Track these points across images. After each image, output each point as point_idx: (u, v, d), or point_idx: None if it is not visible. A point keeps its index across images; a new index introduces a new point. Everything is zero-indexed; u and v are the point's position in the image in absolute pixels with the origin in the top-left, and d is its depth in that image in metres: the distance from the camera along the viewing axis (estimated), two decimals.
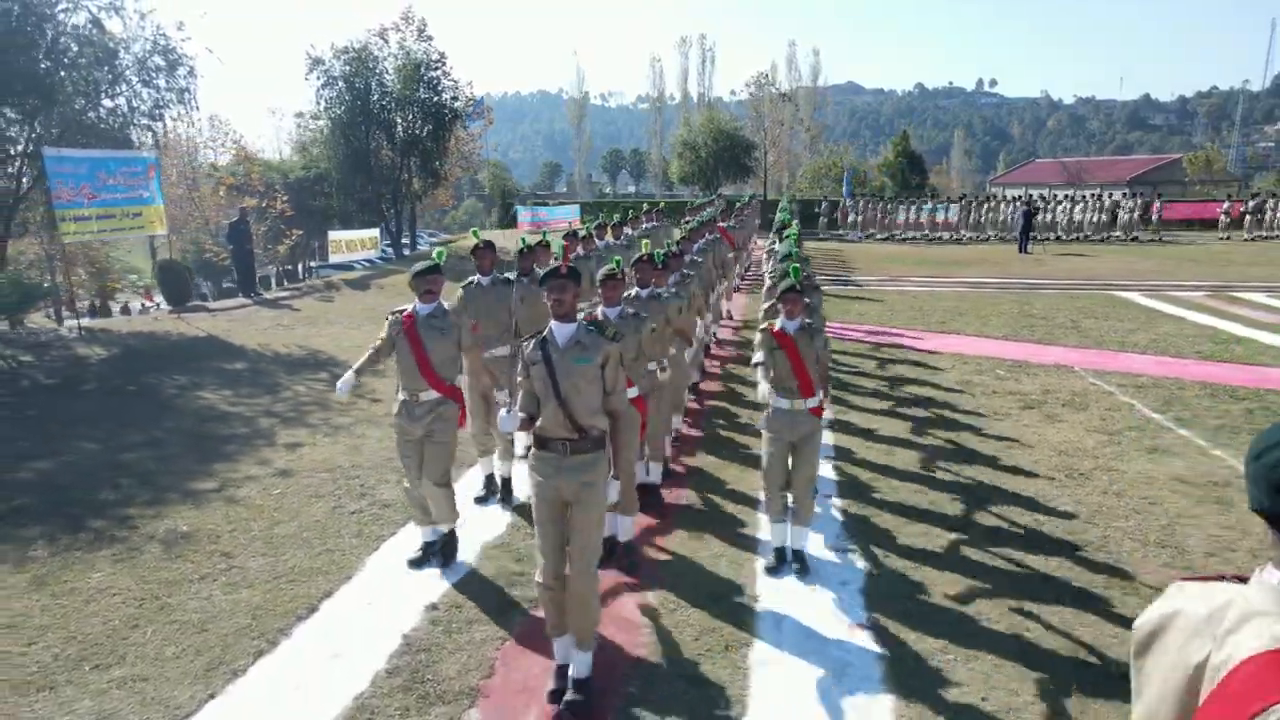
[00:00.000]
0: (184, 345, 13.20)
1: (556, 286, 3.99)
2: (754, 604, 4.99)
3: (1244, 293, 18.03)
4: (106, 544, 5.82)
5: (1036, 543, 5.73)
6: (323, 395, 10.06)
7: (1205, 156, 66.47)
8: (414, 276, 5.32)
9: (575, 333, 4.04)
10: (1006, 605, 4.90)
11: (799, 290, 5.26)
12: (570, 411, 3.95)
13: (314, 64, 26.69)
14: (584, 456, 4.00)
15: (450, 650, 4.49)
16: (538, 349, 4.05)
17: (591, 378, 4.00)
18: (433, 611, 4.91)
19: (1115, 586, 5.10)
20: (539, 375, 4.01)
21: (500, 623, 4.79)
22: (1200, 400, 9.18)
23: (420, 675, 4.25)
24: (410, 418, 5.28)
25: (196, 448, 8.01)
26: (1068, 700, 4.00)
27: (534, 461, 4.07)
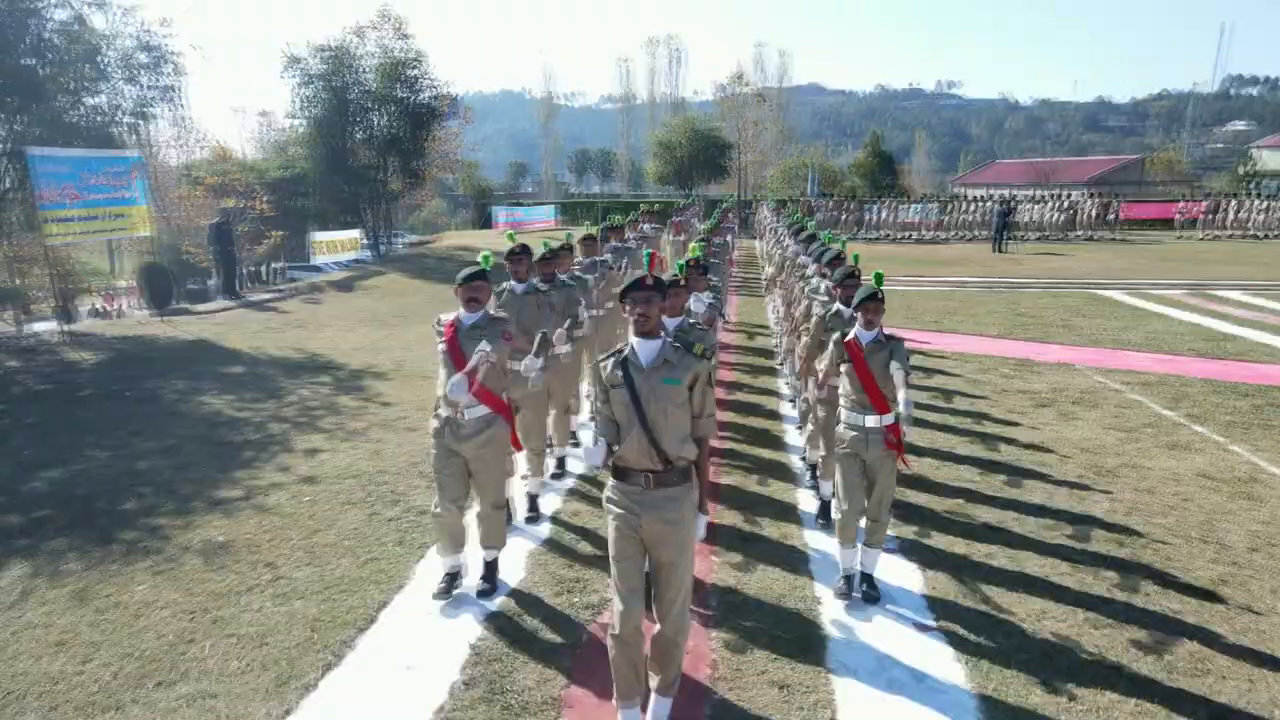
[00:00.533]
0: (175, 349, 12.92)
1: (641, 299, 3.62)
2: (827, 636, 4.64)
3: (1221, 291, 18.43)
4: (141, 556, 5.65)
5: (1087, 544, 5.77)
6: (329, 399, 9.89)
7: (1167, 158, 67.94)
8: (458, 284, 4.91)
9: (661, 350, 3.64)
10: (1079, 615, 4.92)
11: (880, 298, 4.84)
12: (656, 439, 3.56)
13: (291, 62, 26.28)
14: (670, 490, 3.61)
15: (523, 660, 4.41)
16: (618, 369, 3.65)
17: (680, 400, 3.62)
18: (496, 620, 4.82)
19: (1173, 585, 5.15)
20: (620, 399, 3.62)
21: (566, 631, 4.72)
22: (1207, 396, 9.35)
23: (499, 686, 4.16)
24: (456, 437, 4.86)
25: (213, 455, 7.82)
26: (1150, 700, 4.03)
27: (612, 494, 3.70)
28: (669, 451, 3.58)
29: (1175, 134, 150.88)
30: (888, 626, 4.76)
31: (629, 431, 3.60)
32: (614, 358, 3.72)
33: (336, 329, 14.88)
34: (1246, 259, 24.92)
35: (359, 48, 27.59)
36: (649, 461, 3.59)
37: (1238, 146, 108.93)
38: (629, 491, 3.65)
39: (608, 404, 3.71)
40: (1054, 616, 4.79)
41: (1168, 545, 5.68)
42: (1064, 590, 5.09)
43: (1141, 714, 3.91)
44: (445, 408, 4.86)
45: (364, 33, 27.62)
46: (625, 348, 3.71)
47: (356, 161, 27.37)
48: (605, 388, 3.71)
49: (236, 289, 18.32)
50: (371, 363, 11.88)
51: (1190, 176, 69.47)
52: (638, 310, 3.63)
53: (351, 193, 27.47)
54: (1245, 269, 22.21)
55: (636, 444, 3.58)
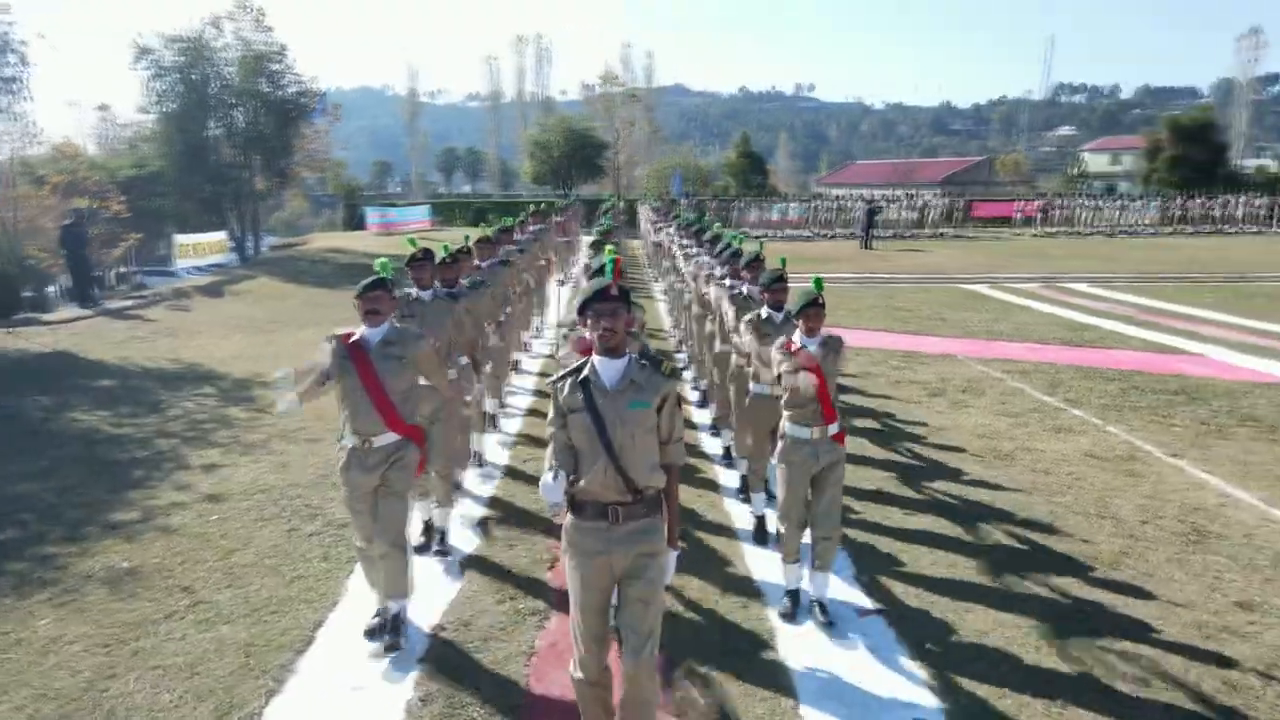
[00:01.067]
0: (30, 363, 11.91)
1: (606, 311, 3.20)
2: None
3: (1070, 283, 19.91)
4: (37, 588, 5.18)
5: (997, 524, 6.13)
6: (217, 411, 9.34)
7: (1014, 159, 72.77)
8: (356, 295, 4.38)
9: (627, 369, 3.27)
10: (1004, 588, 5.23)
11: (822, 304, 4.62)
12: (624, 468, 3.19)
13: (141, 53, 24.72)
14: (639, 523, 3.26)
15: (477, 671, 4.31)
16: (577, 391, 3.27)
17: (649, 425, 3.26)
18: (441, 633, 4.69)
19: (1083, 557, 5.54)
20: (581, 425, 3.24)
21: (517, 635, 4.64)
22: (1079, 382, 10.09)
23: (458, 700, 4.06)
24: (362, 468, 4.36)
25: (97, 475, 7.25)
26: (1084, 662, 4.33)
27: (573, 533, 3.32)
28: (638, 481, 3.23)
29: (1014, 137, 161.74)
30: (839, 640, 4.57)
31: (593, 461, 3.22)
32: (571, 378, 3.33)
33: (210, 336, 14.06)
34: (1083, 254, 27.03)
35: (217, 39, 26.24)
36: (616, 493, 3.23)
37: (1068, 150, 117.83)
38: (593, 529, 3.27)
39: (565, 430, 3.31)
40: (981, 593, 5.07)
41: (1071, 521, 6.10)
42: (986, 566, 5.39)
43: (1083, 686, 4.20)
44: (350, 437, 4.37)
45: (221, 24, 26.30)
46: (584, 366, 3.33)
47: (218, 159, 25.97)
48: (562, 412, 3.32)
49: (93, 296, 17.01)
50: (255, 371, 11.28)
51: (1030, 177, 74.76)
52: (602, 324, 3.20)
53: (213, 192, 26.04)
54: (1085, 263, 24.08)
55: (602, 475, 3.21)
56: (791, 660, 4.42)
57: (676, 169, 44.42)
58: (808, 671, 4.33)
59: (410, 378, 4.53)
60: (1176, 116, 49.30)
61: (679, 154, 57.86)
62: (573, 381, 3.31)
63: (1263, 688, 4.12)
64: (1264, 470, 7.09)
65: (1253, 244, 29.72)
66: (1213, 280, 20.02)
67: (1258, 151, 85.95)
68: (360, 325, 4.42)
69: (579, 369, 3.33)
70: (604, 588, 3.32)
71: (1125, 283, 19.94)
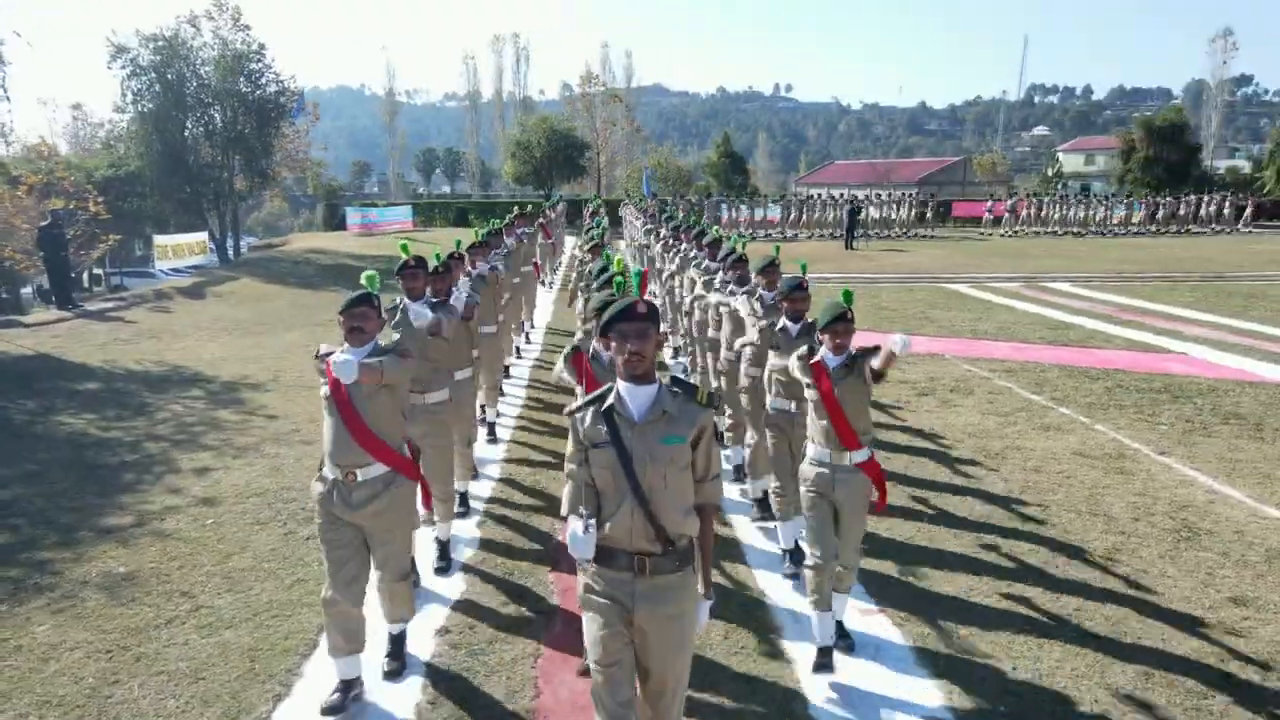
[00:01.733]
0: (11, 365, 11.73)
1: (634, 332, 2.83)
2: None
3: (1050, 283, 20.12)
4: (33, 594, 5.12)
5: (990, 522, 6.19)
6: (207, 414, 9.25)
7: (991, 160, 73.46)
8: (340, 311, 4.02)
9: (658, 398, 2.87)
10: (1003, 588, 5.29)
11: (850, 318, 4.24)
12: (654, 513, 2.81)
13: (118, 52, 24.43)
14: (669, 578, 2.87)
15: (485, 674, 4.31)
16: (600, 423, 2.89)
17: (683, 462, 2.86)
18: (447, 635, 4.69)
19: (1077, 556, 5.62)
20: (604, 462, 2.86)
21: (525, 635, 4.65)
22: (1064, 381, 10.21)
23: (467, 703, 4.05)
24: (346, 503, 3.93)
25: (87, 479, 7.17)
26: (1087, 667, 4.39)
27: (593, 583, 2.94)
28: (669, 529, 2.84)
29: (989, 138, 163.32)
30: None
31: (617, 504, 2.85)
32: (593, 407, 2.95)
33: (196, 339, 13.91)
34: (1061, 253, 27.32)
35: (195, 38, 25.99)
36: (644, 542, 2.84)
37: (1043, 150, 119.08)
38: (617, 580, 2.89)
39: (585, 467, 2.94)
40: (981, 592, 5.13)
41: (1063, 519, 6.18)
42: (983, 565, 5.46)
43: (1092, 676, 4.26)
44: (331, 468, 3.99)
45: (199, 22, 26.04)
46: (608, 394, 2.94)
47: (197, 160, 25.71)
48: (583, 446, 2.94)
49: (71, 298, 16.79)
50: (244, 374, 11.19)
51: (1007, 177, 75.55)
52: (629, 348, 2.82)
53: (193, 193, 25.78)
54: (1065, 262, 24.34)
55: (628, 519, 2.83)
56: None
57: (644, 168, 44.48)
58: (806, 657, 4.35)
59: (395, 404, 4.09)
60: (1149, 117, 49.92)
61: (658, 154, 57.89)
62: (595, 411, 2.92)
63: (1262, 681, 4.19)
64: (1250, 467, 7.20)
65: (1216, 243, 30.15)
66: (1190, 280, 20.29)
67: (1230, 152, 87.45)
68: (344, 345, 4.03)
69: (601, 396, 2.94)
70: (627, 642, 2.92)
71: (1103, 282, 20.18)
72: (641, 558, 2.85)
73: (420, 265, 5.61)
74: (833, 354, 4.29)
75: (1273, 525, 6.02)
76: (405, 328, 5.36)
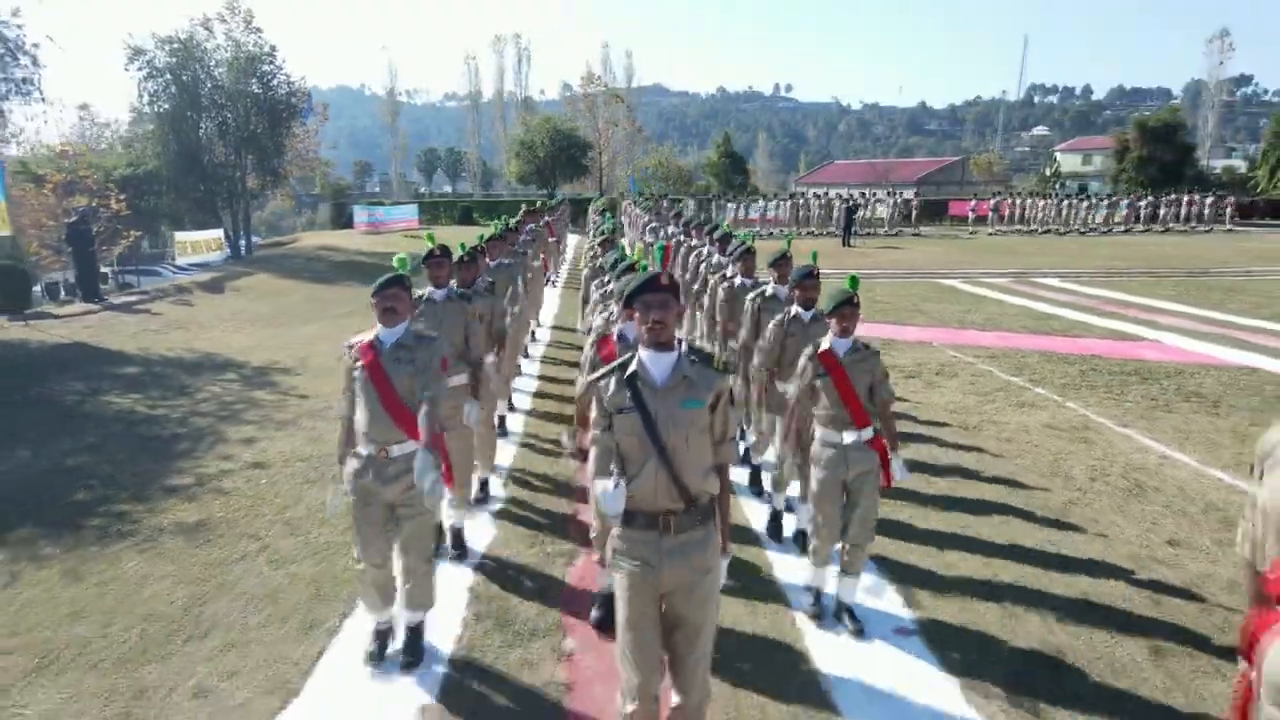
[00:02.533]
0: (52, 353, 12.46)
1: (657, 302, 3.00)
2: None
3: (1040, 278, 20.83)
4: (117, 539, 5.84)
5: (964, 483, 6.90)
6: (244, 394, 9.97)
7: (988, 160, 74.18)
8: (373, 293, 4.22)
9: (678, 365, 3.05)
10: (970, 534, 6.00)
11: (856, 303, 4.46)
12: (677, 473, 2.99)
13: (135, 54, 25.12)
14: (694, 533, 3.06)
15: (520, 599, 5.01)
16: (623, 389, 3.06)
17: (702, 425, 3.04)
18: (486, 563, 5.40)
19: (1040, 506, 6.34)
20: (629, 426, 3.03)
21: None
22: (1042, 365, 10.93)
23: (505, 617, 4.76)
24: (380, 478, 4.11)
25: (143, 450, 7.89)
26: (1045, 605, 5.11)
27: (621, 545, 3.12)
28: (691, 487, 3.02)
29: (988, 137, 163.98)
30: None
31: (641, 466, 3.03)
32: (616, 374, 3.12)
33: (221, 329, 14.64)
34: (1053, 250, 28.04)
35: (208, 40, 26.69)
36: (668, 501, 3.02)
37: (1042, 150, 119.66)
38: (642, 539, 3.07)
39: (609, 433, 3.10)
40: (963, 552, 5.85)
41: (1027, 479, 6.90)
42: (951, 514, 6.17)
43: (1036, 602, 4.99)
44: (366, 445, 4.15)
45: (212, 25, 26.74)
46: (629, 361, 3.12)
47: (211, 159, 26.42)
48: (607, 412, 3.11)
49: (98, 291, 17.53)
50: (273, 360, 11.92)
51: (1004, 177, 76.23)
52: (652, 317, 3.00)
53: (207, 191, 26.50)
54: (1056, 259, 25.08)
55: (652, 480, 3.01)
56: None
57: (630, 174, 45.30)
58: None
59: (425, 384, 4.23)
60: (1144, 118, 50.65)
61: (659, 154, 58.59)
62: (619, 378, 3.09)
63: (1186, 604, 4.91)
64: (1202, 437, 7.92)
65: (1203, 241, 30.86)
66: (1174, 276, 21.00)
67: (1228, 152, 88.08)
68: (376, 326, 4.21)
69: (623, 365, 3.12)
70: (654, 601, 3.10)
71: (1091, 277, 20.88)
72: (666, 516, 3.03)
73: (445, 254, 5.71)
74: (839, 338, 4.51)
75: (1213, 483, 6.74)
76: (430, 318, 5.45)
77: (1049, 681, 4.17)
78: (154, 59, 25.46)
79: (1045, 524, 6.01)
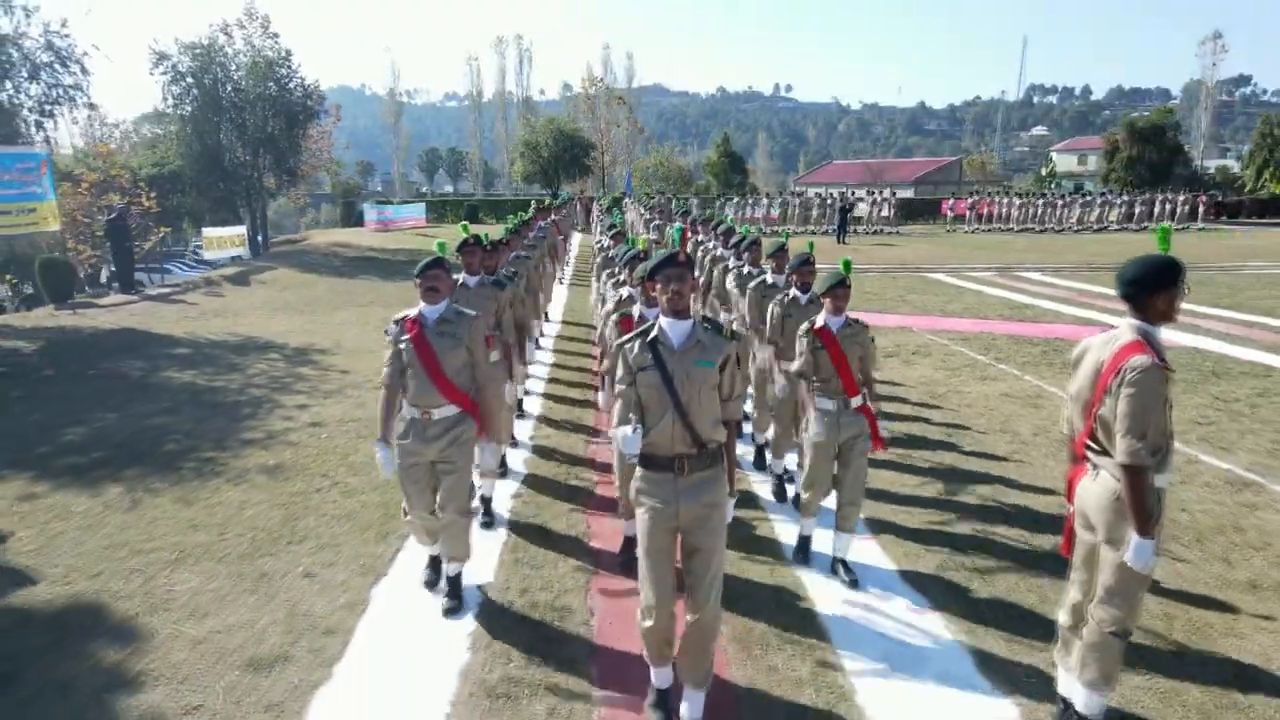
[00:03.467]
0: (106, 337, 13.62)
1: (675, 275, 3.51)
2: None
3: (1023, 272, 21.99)
4: (213, 476, 6.99)
5: (925, 438, 8.05)
6: (290, 370, 11.12)
7: (980, 160, 75.33)
8: (416, 274, 4.68)
9: (692, 331, 3.57)
10: (936, 486, 7.15)
11: (848, 285, 5.09)
12: (691, 423, 3.50)
13: (159, 59, 26.27)
14: (704, 474, 3.57)
15: (546, 549, 6.13)
16: (646, 351, 3.56)
17: (713, 383, 3.56)
18: (514, 522, 6.53)
19: (989, 454, 7.49)
20: (650, 382, 3.53)
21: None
22: (1009, 346, 12.09)
23: (535, 562, 5.85)
24: (422, 439, 4.63)
25: (213, 413, 9.04)
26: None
27: (642, 484, 3.62)
28: (703, 434, 3.52)
29: (987, 137, 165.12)
30: None
31: (660, 416, 3.52)
32: (640, 339, 3.62)
33: (256, 317, 15.79)
34: (1040, 248, 29.20)
35: (229, 45, 27.84)
36: (683, 446, 3.53)
37: (1041, 150, 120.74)
38: (661, 480, 3.57)
39: (633, 388, 3.60)
40: (907, 484, 6.99)
41: (980, 435, 8.05)
42: (912, 465, 7.32)
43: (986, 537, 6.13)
44: (410, 409, 4.67)
45: (231, 30, 27.89)
46: (652, 328, 3.62)
47: (232, 159, 27.58)
48: (631, 370, 3.60)
49: (135, 282, 18.68)
50: (309, 342, 13.07)
51: (1001, 177, 77.34)
52: (671, 288, 3.50)
53: (227, 190, 27.66)
54: (1040, 255, 26.26)
55: (670, 428, 3.51)
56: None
57: (626, 169, 46.51)
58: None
59: (464, 355, 4.71)
60: (1133, 119, 51.87)
61: (659, 154, 59.80)
62: (642, 342, 3.59)
63: None
64: None
65: (1186, 239, 32.00)
66: None
67: (1223, 152, 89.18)
68: (420, 304, 4.68)
69: (645, 331, 3.62)
70: (670, 533, 3.58)
71: (1072, 271, 22.04)
72: (681, 459, 3.53)
73: (478, 243, 6.37)
74: (834, 315, 5.08)
75: (1186, 462, 7.87)
76: (463, 303, 5.55)
77: (979, 584, 5.31)
78: (177, 63, 26.60)
79: (990, 470, 7.14)
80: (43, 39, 15.04)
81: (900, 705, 4.01)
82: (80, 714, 3.88)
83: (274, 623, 4.63)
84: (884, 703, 4.02)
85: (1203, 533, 5.79)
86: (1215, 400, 9.14)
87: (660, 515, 3.54)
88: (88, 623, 4.67)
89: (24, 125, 15.37)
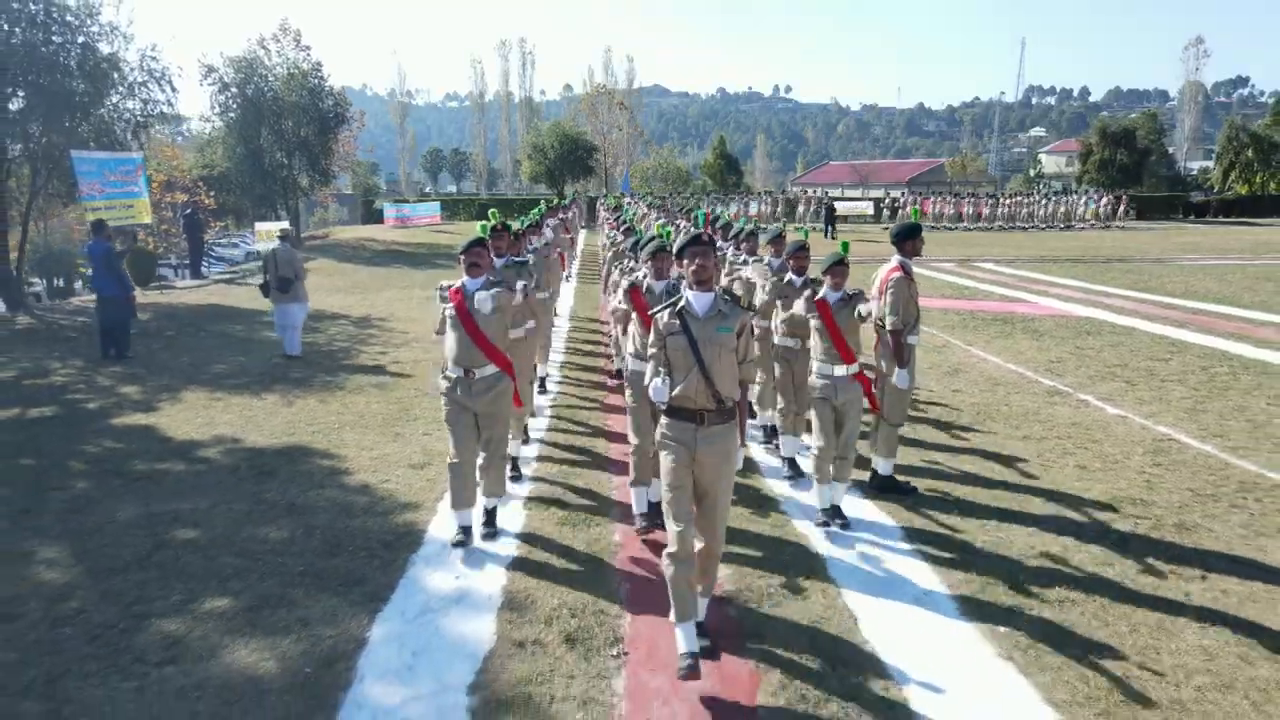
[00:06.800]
0: (198, 310, 16.53)
1: (700, 253, 4.08)
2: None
3: (981, 262, 24.87)
4: (338, 390, 9.86)
5: None
6: (359, 334, 14.00)
7: (962, 161, 78.23)
8: (460, 251, 5.32)
9: (715, 302, 4.09)
10: None
11: (847, 263, 5.75)
12: (712, 381, 3.97)
13: (208, 71, 29.15)
14: (721, 426, 4.04)
15: (573, 494, 9.01)
16: (675, 318, 4.07)
17: (731, 346, 4.05)
18: (539, 483, 9.39)
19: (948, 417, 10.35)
20: (678, 345, 4.02)
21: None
22: (939, 317, 14.96)
23: (562, 503, 8.65)
24: (467, 394, 5.31)
25: (318, 359, 11.87)
26: None
27: (667, 431, 4.08)
28: (722, 392, 3.99)
29: (986, 139, 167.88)
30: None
31: (685, 375, 4.00)
32: (669, 309, 4.12)
33: (314, 296, 18.46)
34: (1005, 242, 32.15)
35: (266, 58, 30.72)
36: (705, 401, 3.99)
37: (1037, 151, 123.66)
38: (684, 428, 4.03)
39: (663, 350, 4.08)
40: None
41: None
42: None
43: None
44: (454, 369, 5.32)
45: (268, 44, 30.75)
46: (679, 299, 4.12)
47: (271, 161, 30.47)
48: (663, 335, 4.08)
49: (202, 270, 21.58)
50: (368, 313, 15.96)
51: (991, 178, 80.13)
52: (696, 261, 4.08)
53: (266, 189, 30.55)
54: (1003, 249, 29.20)
55: (694, 385, 3.98)
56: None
57: (625, 168, 49.53)
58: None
59: (503, 322, 5.42)
60: (1105, 122, 54.76)
61: (658, 155, 62.61)
62: (671, 311, 4.10)
63: (1037, 468, 8.90)
64: (1015, 350, 11.93)
65: (1147, 236, 34.87)
66: (1085, 260, 25.02)
67: (1208, 154, 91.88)
68: (463, 277, 5.33)
69: (674, 302, 4.13)
70: (689, 473, 4.02)
71: (1025, 262, 24.91)
72: (702, 412, 4.02)
73: (505, 229, 7.19)
74: (833, 291, 5.76)
75: (1005, 370, 10.75)
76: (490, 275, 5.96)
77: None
78: (223, 75, 29.49)
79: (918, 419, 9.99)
80: (139, 61, 17.86)
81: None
82: (319, 484, 6.74)
83: (416, 452, 7.54)
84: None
85: (1013, 416, 8.69)
86: (1075, 349, 12.03)
87: (681, 455, 4.02)
88: (301, 451, 7.58)
89: (123, 134, 18.15)
